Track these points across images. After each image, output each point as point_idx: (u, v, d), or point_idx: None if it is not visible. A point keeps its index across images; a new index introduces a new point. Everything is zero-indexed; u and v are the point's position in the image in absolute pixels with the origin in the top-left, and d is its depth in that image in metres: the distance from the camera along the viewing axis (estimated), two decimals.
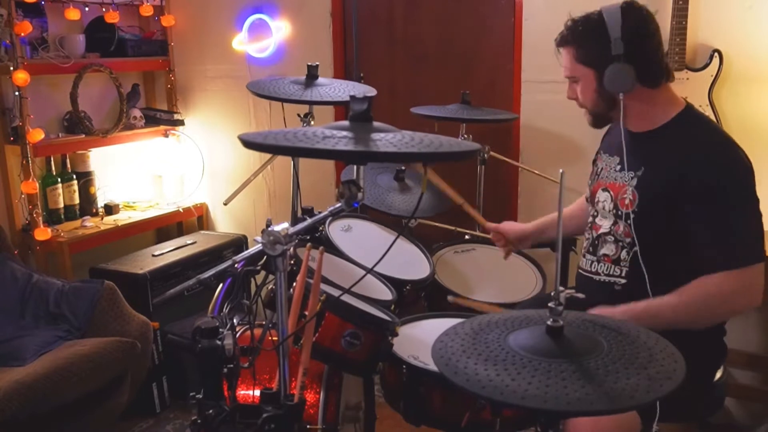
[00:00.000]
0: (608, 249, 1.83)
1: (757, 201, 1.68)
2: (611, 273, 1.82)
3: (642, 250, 1.75)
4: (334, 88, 2.28)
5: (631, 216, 1.76)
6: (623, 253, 1.79)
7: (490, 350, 1.15)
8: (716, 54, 2.56)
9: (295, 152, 1.26)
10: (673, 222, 1.70)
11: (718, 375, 1.85)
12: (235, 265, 1.57)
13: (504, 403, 1.03)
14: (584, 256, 1.93)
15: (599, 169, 1.94)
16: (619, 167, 1.83)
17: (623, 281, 1.79)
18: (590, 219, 1.94)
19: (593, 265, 1.88)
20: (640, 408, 1.57)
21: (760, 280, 1.65)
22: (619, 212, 1.79)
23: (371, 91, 2.25)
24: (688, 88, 2.58)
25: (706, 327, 1.72)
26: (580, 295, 1.51)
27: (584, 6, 2.94)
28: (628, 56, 1.69)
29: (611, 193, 1.83)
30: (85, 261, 3.23)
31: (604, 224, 1.86)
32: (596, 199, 1.90)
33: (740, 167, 1.68)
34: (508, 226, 2.26)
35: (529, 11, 2.97)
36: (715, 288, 1.64)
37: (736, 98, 2.60)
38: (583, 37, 1.77)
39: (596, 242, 1.88)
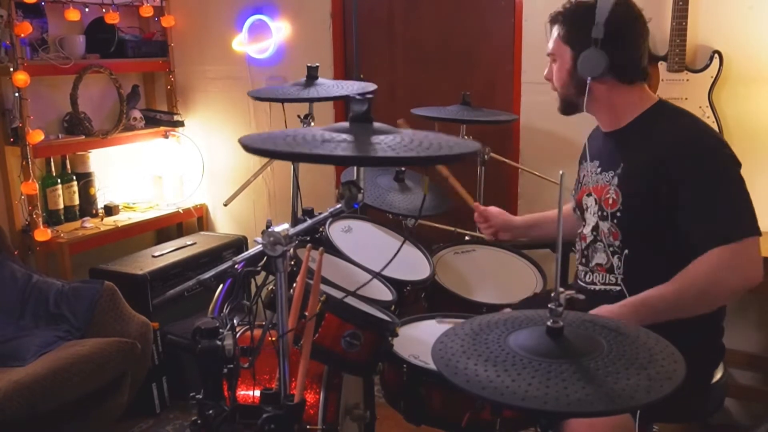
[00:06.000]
0: (600, 258, 1.83)
1: (738, 177, 1.66)
2: (607, 282, 1.82)
3: (632, 253, 1.75)
4: (334, 86, 2.28)
5: (617, 215, 1.76)
6: (615, 260, 1.79)
7: (490, 351, 1.15)
8: (716, 55, 2.56)
9: (295, 157, 1.26)
10: (659, 216, 1.69)
11: (718, 375, 1.84)
12: (236, 266, 1.57)
13: (504, 405, 1.03)
14: (578, 267, 1.93)
15: (582, 177, 1.94)
16: (599, 169, 1.84)
17: (618, 288, 1.79)
18: (579, 230, 1.94)
19: (588, 276, 1.87)
20: (640, 408, 1.57)
21: (756, 254, 1.61)
22: (604, 213, 1.79)
23: (371, 86, 2.24)
24: (688, 89, 2.59)
25: (710, 310, 1.67)
26: (580, 296, 1.52)
27: None
28: (606, 44, 1.70)
29: (595, 196, 1.83)
30: (85, 262, 3.23)
31: (588, 230, 1.86)
32: (583, 206, 1.90)
33: (713, 147, 1.68)
34: (496, 211, 2.28)
35: (529, 12, 2.97)
36: (708, 267, 1.61)
37: (736, 99, 2.60)
38: (571, 17, 1.79)
39: (586, 252, 1.88)
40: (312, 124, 2.41)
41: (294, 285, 1.59)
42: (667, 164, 1.66)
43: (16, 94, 2.99)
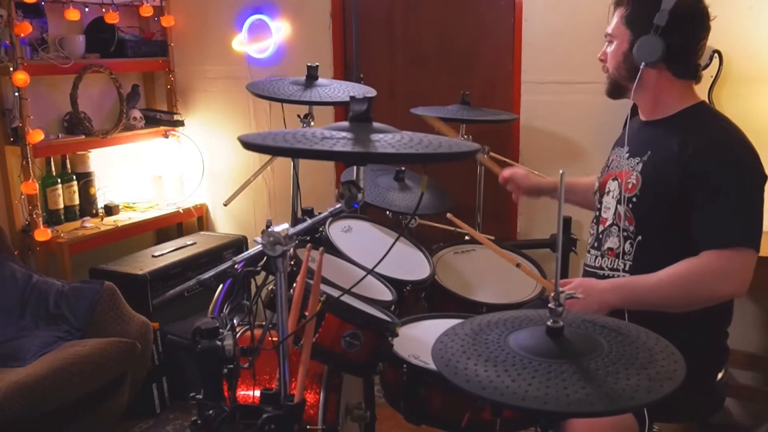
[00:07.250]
0: (612, 242, 1.84)
1: (756, 191, 1.67)
2: (615, 267, 1.82)
3: (644, 240, 1.76)
4: (334, 89, 2.28)
5: (633, 200, 1.77)
6: (626, 245, 1.79)
7: (490, 351, 1.15)
8: (716, 54, 2.56)
9: (294, 153, 1.26)
10: (672, 210, 1.70)
11: (719, 376, 1.84)
12: (235, 266, 1.57)
13: (504, 405, 1.03)
14: (589, 252, 1.94)
15: (610, 161, 1.96)
16: (627, 155, 1.86)
17: (626, 275, 1.79)
18: (596, 214, 1.95)
19: (597, 260, 1.88)
20: (641, 408, 1.57)
21: (748, 267, 1.62)
22: (622, 197, 1.80)
23: (371, 92, 2.25)
24: None
25: (686, 310, 1.68)
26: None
27: (584, 6, 2.94)
28: (666, 32, 1.70)
29: (619, 180, 1.85)
30: (85, 262, 3.23)
31: (609, 215, 1.87)
32: (606, 190, 1.91)
33: (739, 154, 1.69)
34: (521, 173, 2.30)
35: (529, 11, 2.97)
36: (696, 267, 1.63)
37: (736, 99, 2.60)
38: (638, 0, 1.78)
39: (601, 236, 1.89)
40: (312, 124, 2.41)
41: (294, 285, 1.59)
42: (690, 161, 1.67)
43: (16, 94, 2.99)
